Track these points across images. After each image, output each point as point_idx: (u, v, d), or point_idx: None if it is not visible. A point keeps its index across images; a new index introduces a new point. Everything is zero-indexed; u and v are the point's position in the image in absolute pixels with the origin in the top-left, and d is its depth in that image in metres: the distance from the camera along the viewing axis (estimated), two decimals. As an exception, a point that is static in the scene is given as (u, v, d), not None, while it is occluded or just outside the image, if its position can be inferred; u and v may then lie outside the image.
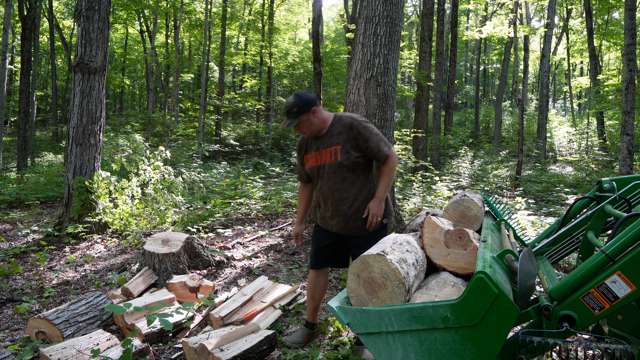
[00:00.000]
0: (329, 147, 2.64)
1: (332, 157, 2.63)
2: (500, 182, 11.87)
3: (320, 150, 2.69)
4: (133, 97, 35.48)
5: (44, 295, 3.92)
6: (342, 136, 2.62)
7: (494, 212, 2.83)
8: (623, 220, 1.77)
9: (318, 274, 2.91)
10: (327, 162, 2.65)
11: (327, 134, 2.68)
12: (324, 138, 2.68)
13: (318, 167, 2.71)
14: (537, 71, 31.78)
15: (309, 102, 2.59)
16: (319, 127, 2.68)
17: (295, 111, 2.57)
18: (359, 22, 5.33)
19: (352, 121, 2.63)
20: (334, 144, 2.63)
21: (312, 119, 2.62)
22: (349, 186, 2.63)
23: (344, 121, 2.65)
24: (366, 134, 2.59)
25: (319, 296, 2.94)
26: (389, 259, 1.68)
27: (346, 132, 2.62)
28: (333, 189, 2.65)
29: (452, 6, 16.44)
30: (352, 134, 2.61)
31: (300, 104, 2.57)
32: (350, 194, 2.63)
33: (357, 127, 2.61)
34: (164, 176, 6.50)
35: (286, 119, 2.60)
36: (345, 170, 2.61)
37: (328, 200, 2.68)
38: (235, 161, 17.75)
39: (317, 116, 2.64)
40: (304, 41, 29.58)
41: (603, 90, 17.13)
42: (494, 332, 1.38)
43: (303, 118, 2.59)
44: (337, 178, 2.63)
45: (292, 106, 2.57)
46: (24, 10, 14.94)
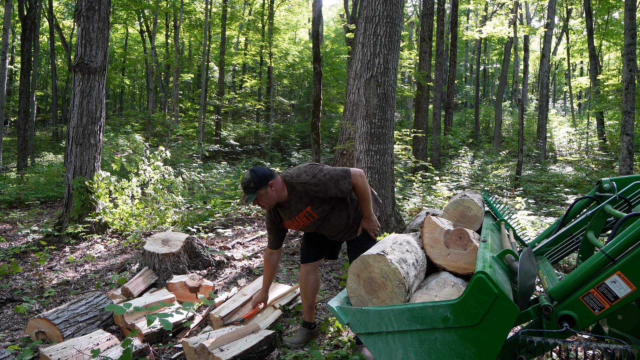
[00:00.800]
0: (300, 212, 2.70)
1: (308, 218, 2.72)
2: (500, 182, 11.87)
3: (293, 217, 2.73)
4: (133, 97, 35.48)
5: (44, 295, 3.92)
6: (305, 199, 2.66)
7: (494, 212, 2.83)
8: (623, 220, 1.77)
9: (308, 270, 2.95)
10: (309, 223, 2.74)
11: (290, 202, 2.69)
12: (289, 207, 2.71)
13: (305, 227, 2.80)
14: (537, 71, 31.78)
15: (265, 177, 2.58)
16: (279, 198, 2.67)
17: (252, 187, 2.57)
18: (359, 22, 5.33)
19: (304, 186, 2.62)
20: (302, 208, 2.68)
21: (269, 193, 2.60)
22: (338, 221, 2.75)
23: (297, 189, 2.65)
24: (322, 188, 2.59)
25: (312, 293, 2.98)
26: (389, 259, 1.68)
27: (304, 196, 2.66)
28: (326, 231, 2.81)
29: (452, 6, 16.44)
30: (310, 195, 2.64)
31: (256, 179, 2.56)
32: (342, 225, 2.77)
33: (311, 189, 2.61)
34: (164, 176, 6.50)
35: (245, 196, 2.61)
36: (327, 216, 2.72)
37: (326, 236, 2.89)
38: (235, 161, 17.75)
39: (275, 189, 2.62)
40: (304, 41, 29.59)
41: (603, 90, 17.13)
42: (494, 332, 1.38)
43: (261, 192, 2.58)
44: (325, 225, 2.76)
45: (248, 182, 2.57)
46: (24, 10, 14.94)
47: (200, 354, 2.51)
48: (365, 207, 2.74)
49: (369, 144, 5.11)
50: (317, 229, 2.82)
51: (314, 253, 2.97)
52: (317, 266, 3.01)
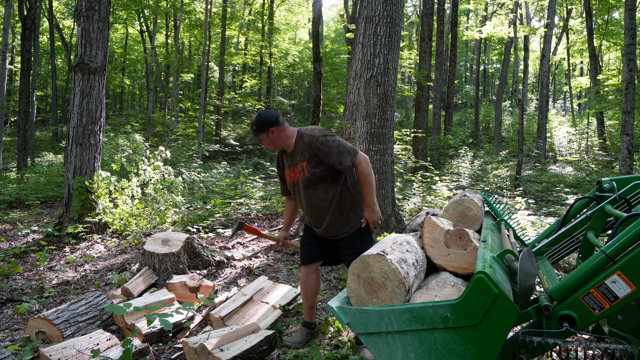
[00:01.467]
0: (298, 164, 2.74)
1: (300, 173, 2.73)
2: (500, 182, 11.87)
3: (292, 167, 2.79)
4: (133, 97, 35.48)
5: (44, 295, 3.92)
6: (306, 153, 2.71)
7: (494, 212, 2.83)
8: (623, 220, 1.77)
9: (308, 271, 2.95)
10: (299, 178, 2.75)
11: (295, 152, 2.77)
12: (293, 155, 2.78)
13: (294, 184, 2.82)
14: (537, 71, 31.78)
15: (268, 122, 2.69)
16: (283, 145, 2.79)
17: (254, 129, 2.73)
18: (359, 22, 5.33)
19: (311, 139, 2.68)
20: (299, 160, 2.73)
21: (271, 138, 2.73)
22: (323, 196, 2.72)
23: (304, 139, 2.71)
24: (325, 149, 2.63)
25: (312, 294, 2.98)
26: (389, 259, 1.68)
27: (307, 149, 2.69)
28: (309, 202, 2.75)
29: (452, 6, 16.44)
30: (312, 151, 2.67)
31: (259, 123, 2.70)
32: (325, 203, 2.73)
33: (315, 144, 2.65)
34: (164, 176, 6.50)
35: (251, 136, 2.80)
36: (315, 183, 2.71)
37: (308, 212, 2.81)
38: (235, 161, 17.75)
39: (277, 135, 2.73)
40: (304, 41, 29.59)
41: (603, 90, 17.12)
42: (494, 332, 1.38)
43: (262, 137, 2.73)
44: (310, 192, 2.73)
45: (252, 124, 2.74)
46: (24, 10, 14.94)
47: (200, 354, 2.51)
48: (367, 194, 2.70)
49: (369, 144, 5.11)
50: (304, 197, 2.76)
51: (314, 254, 2.94)
52: (318, 267, 2.99)
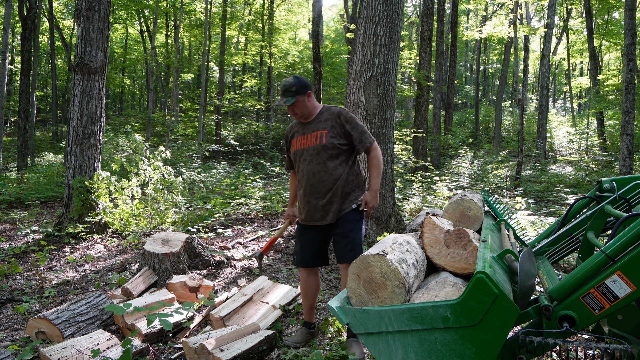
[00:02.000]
0: (315, 131, 2.75)
1: (317, 140, 2.73)
2: (500, 182, 11.87)
3: (306, 134, 2.79)
4: (133, 97, 35.48)
5: (44, 295, 3.92)
6: (329, 122, 2.75)
7: (494, 212, 2.83)
8: (623, 220, 1.77)
9: (308, 273, 2.95)
10: (312, 145, 2.74)
11: (315, 120, 2.80)
12: (311, 124, 2.80)
13: (302, 151, 2.80)
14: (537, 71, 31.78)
15: (307, 85, 2.75)
16: (309, 112, 2.81)
17: (293, 90, 2.70)
18: (359, 22, 5.33)
19: (341, 110, 2.78)
20: (321, 128, 2.75)
21: (306, 102, 2.76)
22: (330, 170, 2.71)
23: (333, 110, 2.79)
24: (352, 123, 2.74)
25: (313, 295, 2.98)
26: (389, 259, 1.68)
27: (334, 119, 2.75)
28: (314, 170, 2.72)
29: (452, 6, 16.44)
30: (339, 121, 2.74)
31: (299, 84, 2.71)
32: (330, 179, 2.71)
33: (344, 116, 2.75)
34: (164, 176, 6.50)
35: (282, 97, 2.72)
36: (328, 154, 2.71)
37: (308, 182, 2.75)
38: (235, 161, 17.75)
39: (310, 101, 2.79)
40: (304, 41, 29.58)
41: (603, 90, 17.13)
42: (494, 332, 1.38)
43: (299, 99, 2.72)
44: (319, 160, 2.72)
45: (291, 85, 2.70)
46: (24, 10, 14.94)
47: (201, 354, 2.51)
48: (375, 177, 2.76)
49: (369, 144, 5.11)
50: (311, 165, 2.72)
51: (314, 259, 2.90)
52: (318, 269, 3.00)
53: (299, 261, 2.94)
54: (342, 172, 2.73)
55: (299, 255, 2.93)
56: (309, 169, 2.74)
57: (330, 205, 2.73)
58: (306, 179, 2.77)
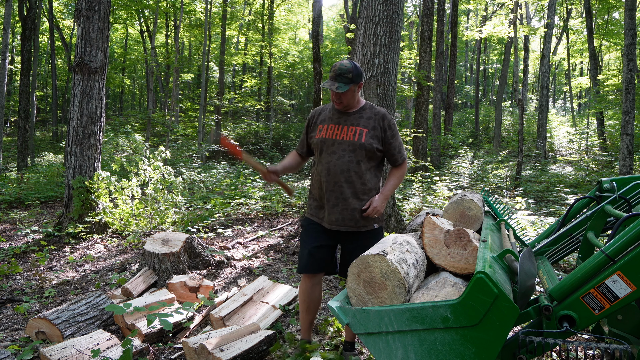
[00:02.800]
0: (356, 126, 2.49)
1: (355, 136, 2.47)
2: (500, 182, 11.87)
3: (341, 125, 2.51)
4: (133, 97, 35.48)
5: (44, 295, 3.92)
6: (372, 122, 2.51)
7: (494, 212, 2.83)
8: (623, 220, 1.77)
9: (313, 282, 2.60)
10: (347, 140, 2.47)
11: (356, 114, 2.54)
12: (351, 116, 2.53)
13: (332, 141, 2.50)
14: (537, 71, 31.77)
15: (362, 74, 2.48)
16: (353, 104, 2.54)
17: (350, 77, 2.41)
18: (359, 22, 5.33)
19: (386, 113, 2.56)
20: (362, 125, 2.50)
21: (356, 92, 2.49)
22: (361, 174, 2.47)
23: (377, 110, 2.57)
24: (395, 131, 2.55)
25: (315, 308, 2.67)
26: (389, 259, 1.68)
27: (378, 120, 2.52)
28: (344, 168, 2.45)
29: (452, 6, 16.44)
30: (383, 124, 2.52)
31: (355, 72, 2.43)
32: (359, 181, 2.47)
33: (389, 121, 2.54)
34: (164, 176, 6.50)
35: (334, 82, 2.42)
36: (363, 155, 2.47)
37: (333, 178, 2.46)
38: (235, 161, 17.74)
39: (359, 92, 2.54)
40: (304, 41, 29.59)
41: (603, 90, 17.13)
42: (494, 332, 1.38)
43: (352, 87, 2.45)
44: (351, 158, 2.46)
45: (348, 70, 2.41)
46: (24, 10, 14.94)
47: (201, 354, 2.51)
48: (390, 185, 2.55)
49: (369, 144, 5.11)
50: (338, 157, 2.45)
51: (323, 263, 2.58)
52: (322, 278, 2.67)
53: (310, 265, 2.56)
54: (372, 179, 2.53)
55: (310, 258, 2.56)
56: (338, 164, 2.45)
57: (352, 212, 2.47)
58: (333, 173, 2.46)
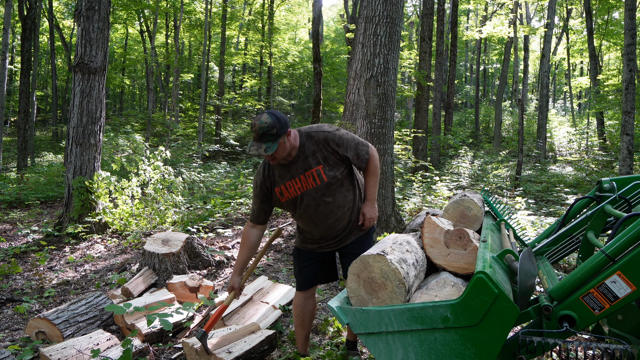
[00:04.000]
0: (308, 170, 2.33)
1: (314, 180, 2.34)
2: (500, 182, 11.87)
3: (296, 177, 2.35)
4: (133, 97, 35.48)
5: (44, 295, 3.92)
6: (319, 154, 2.34)
7: (494, 212, 2.83)
8: (623, 220, 1.77)
9: (306, 297, 2.63)
10: (311, 187, 2.35)
11: (300, 157, 2.34)
12: (297, 162, 2.34)
13: (300, 197, 2.38)
14: (537, 71, 31.78)
15: (286, 122, 2.24)
16: (292, 149, 2.32)
17: (275, 132, 2.17)
18: (359, 22, 5.33)
19: (326, 135, 2.35)
20: (312, 165, 2.33)
21: (287, 143, 2.26)
22: (342, 202, 2.41)
23: (316, 137, 2.35)
24: (344, 144, 2.36)
25: (309, 321, 2.68)
26: (389, 259, 1.68)
27: (322, 148, 2.35)
28: (326, 212, 2.39)
29: (452, 6, 16.44)
30: (330, 148, 2.34)
31: (278, 124, 2.18)
32: (344, 210, 2.43)
33: (333, 140, 2.34)
34: (164, 176, 6.50)
35: (260, 144, 2.18)
36: (334, 189, 2.37)
37: (321, 224, 2.43)
38: (235, 161, 17.75)
39: (290, 139, 2.28)
40: (304, 41, 29.59)
41: (603, 90, 17.13)
42: (494, 332, 1.38)
43: (281, 141, 2.21)
44: (328, 199, 2.37)
45: (270, 127, 2.16)
46: (24, 10, 14.94)
47: (202, 354, 2.51)
48: (373, 186, 2.47)
49: (369, 144, 5.11)
50: (320, 209, 2.38)
51: (313, 278, 2.62)
52: (315, 291, 2.71)
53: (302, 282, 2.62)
54: (352, 197, 2.45)
55: (303, 275, 2.60)
56: (318, 213, 2.39)
57: (348, 234, 2.50)
58: (318, 222, 2.42)
